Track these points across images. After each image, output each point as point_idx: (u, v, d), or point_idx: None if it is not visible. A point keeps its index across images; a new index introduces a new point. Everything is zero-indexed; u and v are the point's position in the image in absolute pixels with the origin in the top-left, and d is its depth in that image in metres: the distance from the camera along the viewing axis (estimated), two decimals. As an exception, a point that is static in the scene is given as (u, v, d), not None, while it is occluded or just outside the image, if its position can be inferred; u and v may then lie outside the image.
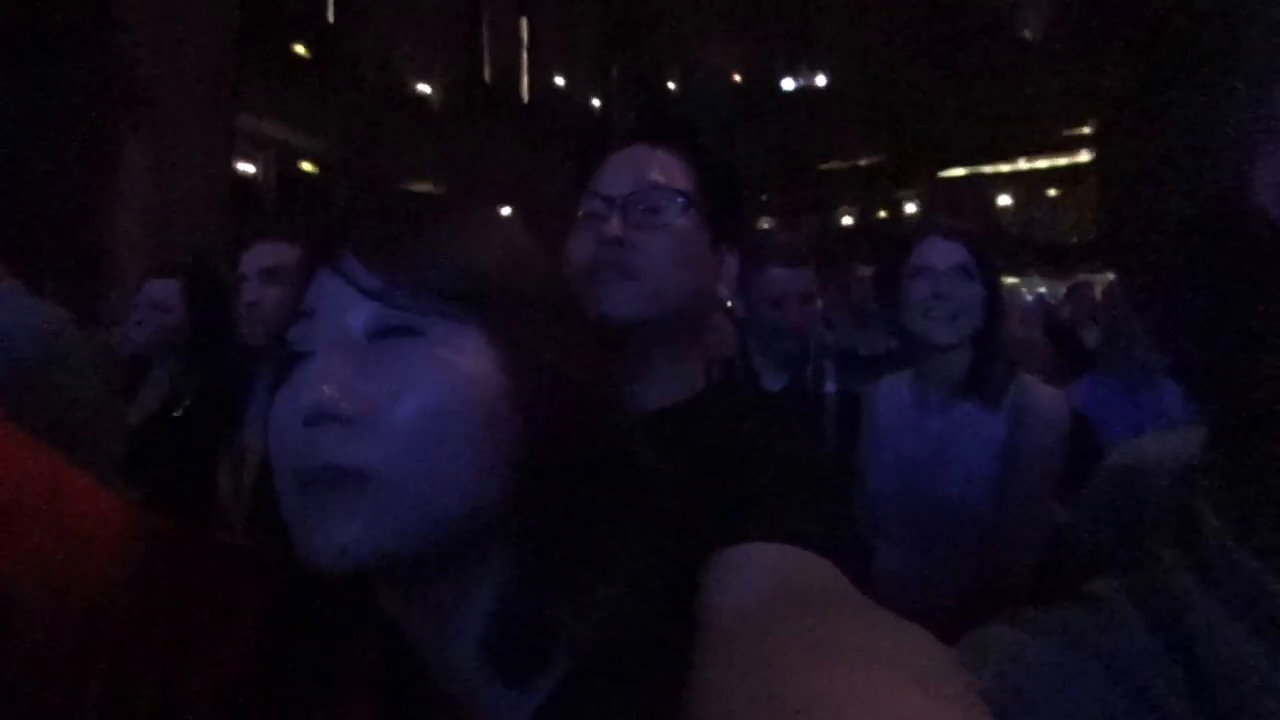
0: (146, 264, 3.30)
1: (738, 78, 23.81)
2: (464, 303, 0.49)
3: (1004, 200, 19.53)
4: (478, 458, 0.47)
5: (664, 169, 0.86)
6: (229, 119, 7.58)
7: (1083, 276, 8.44)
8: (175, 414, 2.15)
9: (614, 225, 0.82)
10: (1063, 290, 7.32)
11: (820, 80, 22.02)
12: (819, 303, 2.43)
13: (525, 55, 16.09)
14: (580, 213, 0.88)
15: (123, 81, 6.19)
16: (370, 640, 0.53)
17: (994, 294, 1.65)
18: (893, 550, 1.66)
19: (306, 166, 11.41)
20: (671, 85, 23.60)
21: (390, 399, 0.46)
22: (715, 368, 2.30)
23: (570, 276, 0.82)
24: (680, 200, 0.84)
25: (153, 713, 0.49)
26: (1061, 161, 18.48)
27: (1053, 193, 18.96)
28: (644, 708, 0.46)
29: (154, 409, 2.18)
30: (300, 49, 11.05)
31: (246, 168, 10.19)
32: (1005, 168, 19.26)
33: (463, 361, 0.48)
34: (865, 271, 4.79)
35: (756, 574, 0.50)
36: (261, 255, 1.85)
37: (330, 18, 11.78)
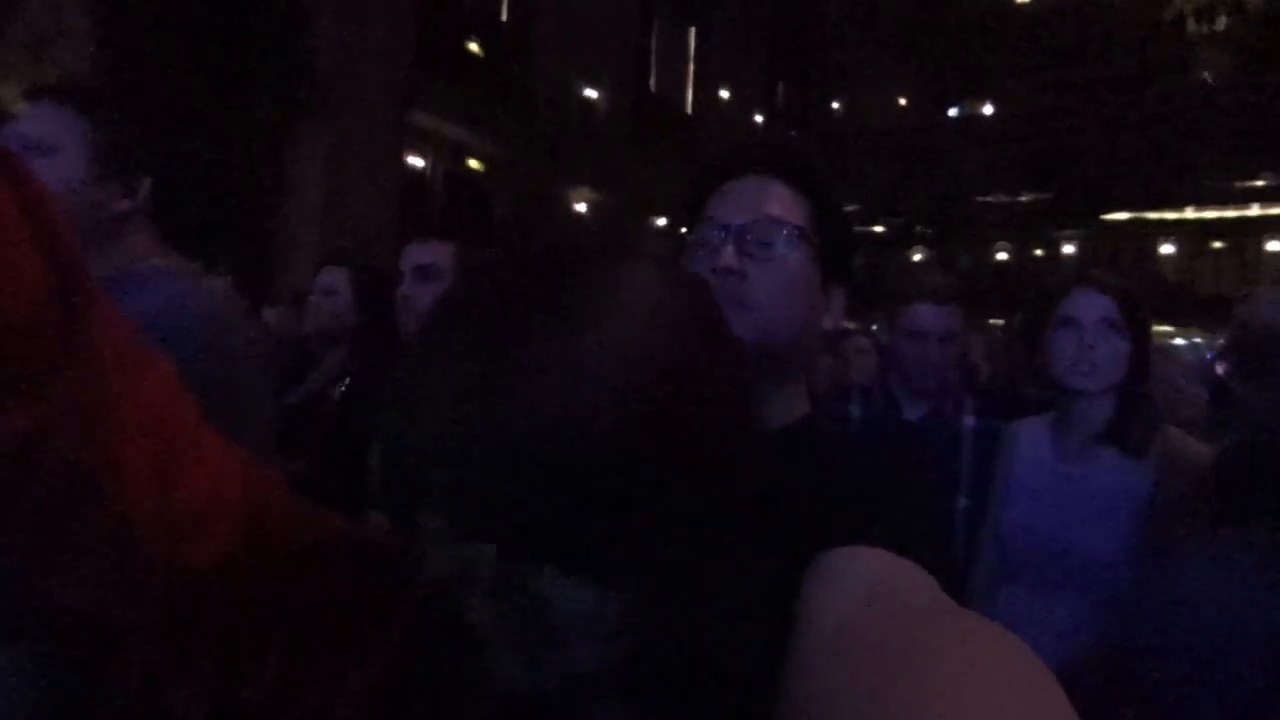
0: (323, 251, 3.47)
1: (903, 101, 23.24)
2: None
3: (1166, 249, 18.50)
4: None
5: (780, 202, 0.87)
6: (403, 114, 7.72)
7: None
8: (333, 395, 2.32)
9: (728, 255, 0.84)
10: (1220, 343, 6.82)
11: (986, 109, 21.25)
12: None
13: (691, 67, 16.17)
14: (694, 237, 0.89)
15: (305, 74, 6.48)
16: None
17: (1141, 349, 1.68)
18: (1018, 589, 1.73)
19: (473, 164, 11.60)
20: (835, 105, 23.24)
21: None
22: (859, 394, 2.42)
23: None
24: (793, 233, 0.85)
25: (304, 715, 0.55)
26: (1229, 214, 17.48)
27: (1217, 245, 17.95)
28: (742, 708, 0.48)
29: (315, 389, 2.35)
30: (473, 46, 11.15)
31: (416, 162, 10.53)
32: (1170, 215, 18.22)
33: None
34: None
35: (854, 576, 0.51)
36: (416, 254, 1.97)
37: (504, 16, 11.91)
